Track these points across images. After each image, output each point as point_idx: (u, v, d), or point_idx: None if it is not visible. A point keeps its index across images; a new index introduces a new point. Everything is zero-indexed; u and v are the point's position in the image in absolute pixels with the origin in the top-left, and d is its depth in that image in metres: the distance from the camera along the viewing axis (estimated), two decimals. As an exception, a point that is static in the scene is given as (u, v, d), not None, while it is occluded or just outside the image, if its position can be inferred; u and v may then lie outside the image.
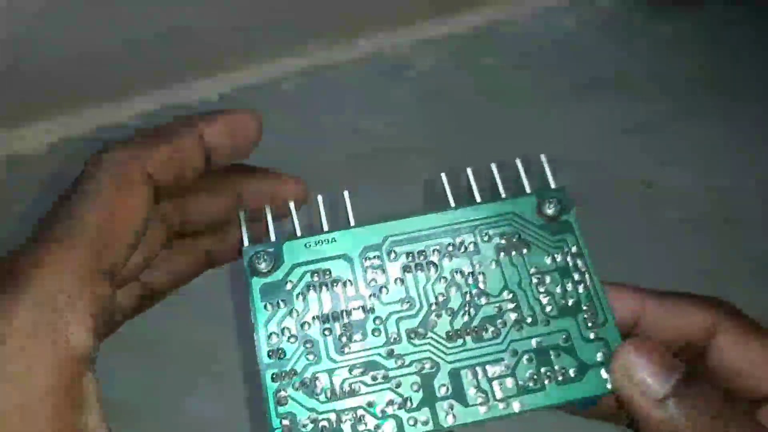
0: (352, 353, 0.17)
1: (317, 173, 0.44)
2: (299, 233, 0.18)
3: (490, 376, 0.17)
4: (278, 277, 0.18)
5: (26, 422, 0.12)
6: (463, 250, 0.18)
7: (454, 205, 0.18)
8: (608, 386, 0.16)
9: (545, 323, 0.17)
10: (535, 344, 0.17)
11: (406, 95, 0.48)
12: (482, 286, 0.18)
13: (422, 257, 0.18)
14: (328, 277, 0.18)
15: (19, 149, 0.47)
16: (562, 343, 0.17)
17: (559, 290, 0.17)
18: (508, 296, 0.17)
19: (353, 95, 0.48)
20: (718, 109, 0.46)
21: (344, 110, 0.48)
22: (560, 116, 0.47)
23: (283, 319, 0.17)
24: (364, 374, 0.17)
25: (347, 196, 0.19)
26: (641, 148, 0.45)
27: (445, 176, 0.19)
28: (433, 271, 0.18)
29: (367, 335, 0.17)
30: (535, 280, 0.18)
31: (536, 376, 0.17)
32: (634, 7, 0.51)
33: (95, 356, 0.14)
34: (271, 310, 0.17)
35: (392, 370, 0.17)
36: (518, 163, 0.19)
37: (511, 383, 0.16)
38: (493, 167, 0.19)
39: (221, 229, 0.19)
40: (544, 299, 0.17)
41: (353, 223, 0.18)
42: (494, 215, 0.18)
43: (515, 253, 0.18)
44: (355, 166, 0.45)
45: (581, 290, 0.17)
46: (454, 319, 0.17)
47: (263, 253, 0.18)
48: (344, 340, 0.17)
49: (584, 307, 0.17)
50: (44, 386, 0.13)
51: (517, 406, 0.16)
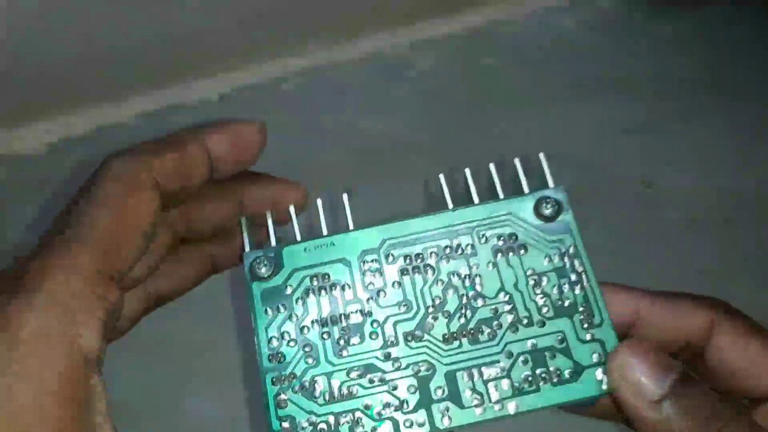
0: (349, 356, 0.17)
1: (317, 173, 0.44)
2: (299, 238, 0.18)
3: (485, 378, 0.17)
4: (278, 281, 0.18)
5: (39, 420, 0.13)
6: (460, 252, 0.18)
7: (451, 206, 0.18)
8: (603, 387, 0.16)
9: (541, 324, 0.17)
10: (530, 346, 0.17)
11: (406, 95, 0.48)
12: (479, 288, 0.18)
13: (419, 260, 0.18)
14: (326, 281, 0.18)
15: (19, 149, 0.47)
16: (557, 344, 0.17)
17: (555, 291, 0.18)
18: (504, 298, 0.18)
19: (353, 95, 0.48)
20: (718, 109, 0.46)
21: (344, 110, 0.48)
22: (560, 116, 0.47)
23: (282, 323, 0.17)
24: (361, 377, 0.17)
25: (346, 199, 0.19)
26: (641, 148, 0.45)
27: (443, 177, 0.19)
28: (430, 273, 0.18)
29: (364, 338, 0.17)
30: (531, 281, 0.18)
31: (531, 377, 0.17)
32: (634, 7, 0.50)
33: (103, 358, 0.14)
34: (271, 314, 0.17)
35: (389, 372, 0.17)
36: (517, 163, 0.19)
37: (506, 385, 0.17)
38: (491, 167, 0.19)
39: (225, 235, 0.20)
40: (540, 300, 0.17)
41: (352, 226, 0.18)
42: (491, 216, 0.18)
43: (512, 254, 0.18)
44: (355, 166, 0.45)
45: (578, 291, 0.17)
46: (450, 321, 0.17)
47: (264, 258, 0.18)
48: (342, 343, 0.17)
49: (580, 308, 0.17)
50: (55, 386, 0.13)
51: (512, 407, 0.16)
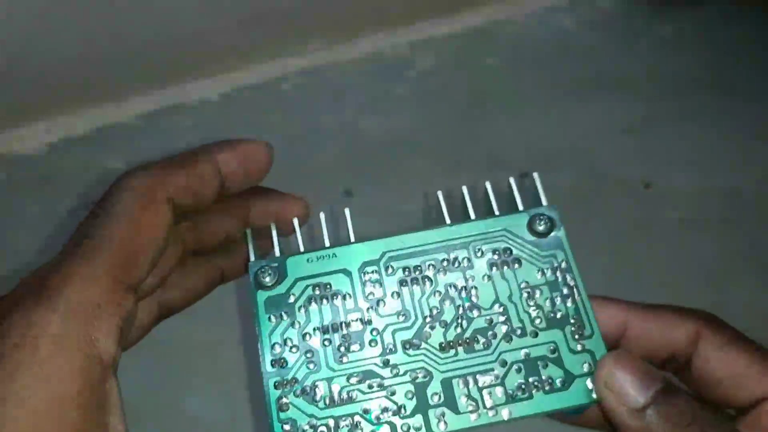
0: (350, 362, 0.18)
1: (317, 173, 0.45)
2: (302, 249, 0.19)
3: (480, 385, 0.17)
4: (282, 290, 0.18)
5: (57, 422, 0.13)
6: (456, 265, 0.19)
7: (449, 221, 0.19)
8: (593, 396, 0.17)
9: (534, 335, 0.18)
10: (524, 355, 0.18)
11: (406, 95, 0.48)
12: (474, 299, 0.18)
13: (418, 272, 0.19)
14: (328, 290, 0.18)
15: (19, 149, 0.47)
16: (549, 354, 0.18)
17: (548, 304, 0.18)
18: (499, 309, 0.18)
19: (353, 95, 0.49)
20: (718, 109, 0.46)
21: (344, 110, 0.48)
22: (560, 116, 0.47)
23: (285, 330, 0.18)
24: (361, 382, 0.17)
25: (348, 213, 0.19)
26: (641, 148, 0.46)
27: (440, 194, 0.20)
28: (428, 285, 0.19)
29: (364, 346, 0.18)
30: (525, 293, 0.18)
31: (524, 385, 0.17)
32: (634, 7, 0.50)
33: (118, 363, 0.15)
34: (274, 321, 0.18)
35: (387, 378, 0.17)
36: (512, 181, 0.20)
37: (500, 392, 0.17)
38: (487, 185, 0.20)
39: (231, 246, 0.20)
40: (533, 312, 0.18)
41: (353, 239, 0.19)
42: (487, 232, 0.19)
43: (507, 268, 0.19)
44: (355, 166, 0.46)
45: (569, 304, 0.18)
46: (447, 331, 0.18)
47: (268, 267, 0.18)
48: (343, 350, 0.18)
49: (572, 320, 0.18)
50: (74, 389, 0.14)
51: (506, 413, 0.17)
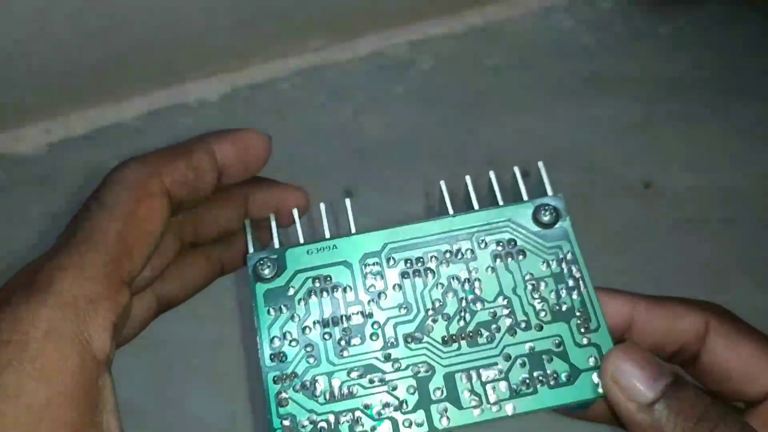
0: (350, 357, 0.17)
1: (317, 173, 0.45)
2: (302, 241, 0.19)
3: (483, 379, 0.17)
4: (281, 282, 0.18)
5: (49, 419, 0.13)
6: (459, 256, 0.18)
7: (452, 212, 0.19)
8: (599, 390, 0.17)
9: (539, 328, 0.17)
10: (528, 349, 0.17)
11: (406, 95, 0.48)
12: (478, 292, 0.18)
13: (420, 264, 0.18)
14: (328, 282, 0.18)
15: (19, 149, 0.47)
16: (554, 348, 0.17)
17: (553, 296, 0.18)
18: (502, 302, 0.18)
19: (353, 95, 0.48)
20: (718, 109, 0.46)
21: (344, 110, 0.48)
22: (560, 116, 0.47)
23: (285, 323, 0.18)
24: (361, 377, 0.17)
25: (348, 203, 0.19)
26: (641, 148, 0.45)
27: (443, 184, 0.19)
28: (430, 277, 0.18)
29: (365, 339, 0.17)
30: (529, 286, 0.18)
31: (529, 380, 0.17)
32: (633, 7, 0.51)
33: (112, 358, 0.15)
34: (273, 314, 0.18)
35: (389, 373, 0.17)
36: (516, 171, 0.19)
37: (504, 387, 0.17)
38: (491, 175, 0.19)
39: (230, 238, 0.20)
40: (538, 305, 0.18)
41: (354, 230, 0.19)
42: (491, 222, 0.19)
43: (511, 259, 0.18)
44: (355, 166, 0.45)
45: (575, 296, 0.18)
46: (449, 324, 0.18)
47: (267, 259, 0.18)
48: (343, 343, 0.17)
49: (577, 312, 0.18)
50: (66, 386, 0.13)
51: (509, 409, 0.17)
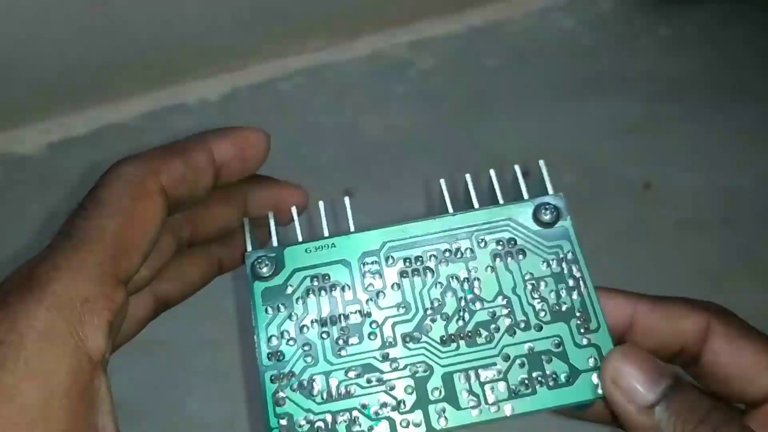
0: (348, 356, 0.17)
1: (317, 173, 0.44)
2: (300, 239, 0.18)
3: (482, 380, 0.17)
4: (279, 281, 0.18)
5: (44, 419, 0.13)
6: (459, 255, 0.18)
7: (452, 210, 0.19)
8: (599, 392, 0.17)
9: (538, 328, 0.17)
10: (527, 349, 0.17)
11: (406, 95, 0.48)
12: (477, 291, 0.18)
13: (419, 263, 0.18)
14: (327, 281, 0.18)
15: (19, 149, 0.47)
16: (554, 348, 0.17)
17: (553, 296, 0.18)
18: (502, 302, 0.18)
19: (353, 95, 0.48)
20: (718, 109, 0.46)
21: (344, 110, 0.48)
22: (560, 116, 0.47)
23: (282, 322, 0.18)
24: (359, 377, 0.17)
25: (347, 201, 0.19)
26: (641, 148, 0.45)
27: (443, 182, 0.19)
28: (429, 276, 0.18)
29: (363, 339, 0.17)
30: (529, 285, 0.18)
31: (528, 380, 0.17)
32: (634, 7, 0.50)
33: (108, 359, 0.14)
34: (271, 313, 0.18)
35: (387, 373, 0.17)
36: (517, 169, 0.19)
37: (503, 387, 0.17)
38: (491, 173, 0.19)
39: (229, 236, 0.20)
40: (537, 305, 0.18)
41: (353, 228, 0.19)
42: (491, 221, 0.18)
43: (511, 259, 0.18)
44: (355, 166, 0.45)
45: (575, 296, 0.18)
46: (448, 323, 0.17)
47: (265, 257, 0.18)
48: (341, 343, 0.17)
49: (577, 313, 0.17)
50: (62, 385, 0.13)
51: (508, 409, 0.16)
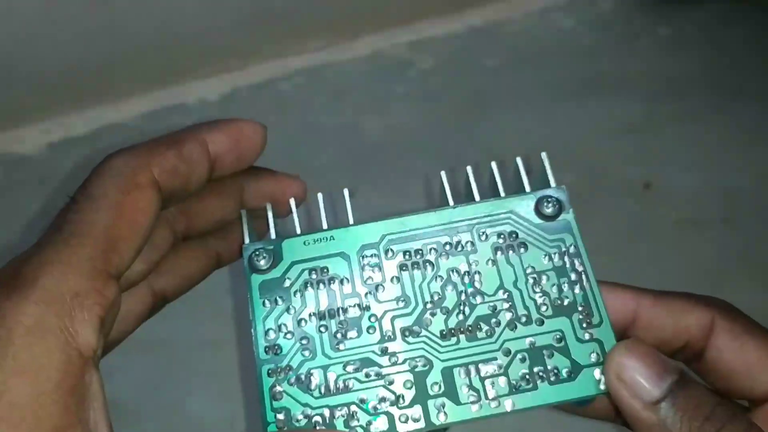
0: (346, 350, 0.17)
1: (317, 173, 0.44)
2: (299, 231, 0.18)
3: (482, 375, 0.17)
4: (277, 274, 0.18)
5: (33, 416, 0.13)
6: (459, 248, 0.18)
7: (452, 203, 0.18)
8: (601, 387, 0.16)
9: (539, 323, 0.17)
10: (528, 344, 0.17)
11: (406, 95, 0.48)
12: (478, 285, 0.18)
13: (419, 256, 0.18)
14: (325, 274, 0.18)
15: (19, 149, 0.47)
16: (555, 343, 0.17)
17: (554, 290, 0.17)
18: (503, 295, 0.17)
19: (353, 95, 0.48)
20: (718, 109, 0.46)
21: (344, 110, 0.48)
22: (560, 116, 0.47)
23: (280, 315, 0.17)
24: (357, 371, 0.17)
25: (347, 194, 0.19)
26: (641, 148, 0.45)
27: (444, 174, 0.19)
28: (429, 269, 0.18)
29: (362, 333, 0.17)
30: (531, 279, 0.18)
31: (529, 375, 0.17)
32: (634, 7, 0.51)
33: (100, 355, 0.14)
34: (269, 306, 0.17)
35: (386, 367, 0.17)
36: (519, 161, 0.19)
37: (503, 382, 0.16)
38: (493, 165, 0.19)
39: (226, 229, 0.20)
40: (539, 299, 0.17)
41: (352, 221, 0.18)
42: (492, 214, 0.18)
43: (512, 252, 0.18)
44: (355, 166, 0.45)
45: (577, 290, 0.17)
46: (448, 317, 0.17)
47: (263, 250, 0.18)
48: (339, 337, 0.17)
49: (579, 307, 0.17)
50: (52, 382, 0.13)
51: (509, 405, 0.16)
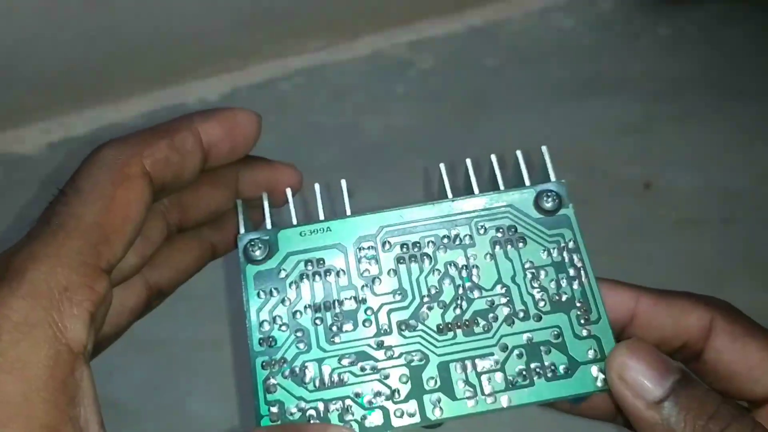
0: (342, 343, 0.17)
1: (317, 173, 0.44)
2: (295, 222, 0.18)
3: (479, 370, 0.16)
4: (272, 265, 0.17)
5: (22, 413, 0.13)
6: (458, 242, 0.18)
7: (451, 196, 0.18)
8: (598, 384, 0.16)
9: (537, 319, 0.17)
10: (526, 339, 0.17)
11: (406, 95, 0.48)
12: (475, 279, 0.17)
13: (416, 248, 0.18)
14: (321, 266, 0.18)
15: (19, 149, 0.47)
16: (553, 339, 0.17)
17: (553, 285, 0.17)
18: (501, 290, 0.17)
19: (353, 95, 0.48)
20: (718, 109, 0.46)
21: (344, 110, 0.48)
22: (560, 116, 0.47)
23: (275, 307, 0.17)
24: (353, 364, 0.16)
25: (344, 184, 0.19)
26: (641, 148, 0.45)
27: (443, 167, 0.19)
28: (426, 263, 0.18)
29: (357, 326, 0.17)
30: (529, 274, 0.17)
31: (526, 371, 0.16)
32: (634, 7, 0.51)
33: (90, 350, 0.14)
34: (263, 297, 0.17)
35: (381, 361, 0.17)
36: (519, 155, 0.19)
37: (500, 378, 0.16)
38: (492, 158, 0.19)
39: (221, 220, 0.19)
40: (537, 294, 0.17)
41: (349, 212, 0.18)
42: (491, 208, 0.18)
43: (510, 246, 0.18)
44: (355, 165, 0.45)
45: (576, 286, 0.17)
46: (445, 312, 0.17)
47: (258, 240, 0.18)
48: (335, 329, 0.17)
49: (578, 303, 0.17)
50: (40, 378, 0.13)
51: (505, 401, 0.16)
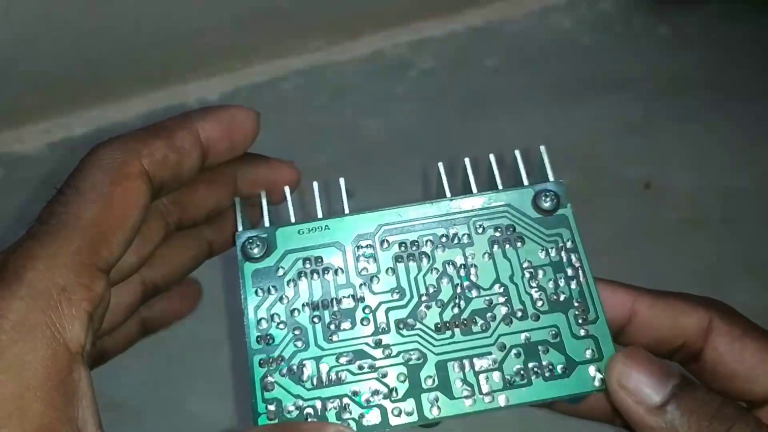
0: (339, 341, 0.17)
1: (317, 173, 0.44)
2: (293, 220, 0.18)
3: (477, 369, 0.16)
4: (270, 263, 0.17)
5: (20, 413, 0.13)
6: (456, 241, 0.18)
7: (449, 195, 0.18)
8: (596, 384, 0.16)
9: (535, 318, 0.17)
10: (524, 339, 0.17)
11: (406, 95, 0.48)
12: (474, 278, 0.17)
13: (415, 247, 0.18)
14: (319, 264, 0.18)
15: (19, 149, 0.47)
16: (551, 338, 0.17)
17: (551, 285, 0.17)
18: (499, 290, 0.17)
19: (353, 95, 0.48)
20: (718, 109, 0.46)
21: (344, 110, 0.48)
22: (560, 116, 0.47)
23: (272, 305, 0.17)
24: (350, 363, 0.16)
25: (342, 183, 0.19)
26: (641, 148, 0.45)
27: (441, 166, 0.19)
28: (425, 261, 0.18)
29: (355, 324, 0.17)
30: (527, 274, 0.17)
31: (523, 371, 0.16)
32: (634, 7, 0.51)
33: (89, 350, 0.14)
34: (261, 295, 0.17)
35: (379, 360, 0.17)
36: (517, 154, 0.19)
37: (497, 377, 0.16)
38: (491, 158, 0.19)
39: (219, 218, 0.19)
40: (535, 294, 0.17)
41: (347, 210, 0.18)
42: (489, 207, 0.18)
43: (509, 246, 0.18)
44: (354, 166, 0.45)
45: (574, 286, 0.17)
46: (443, 311, 0.17)
47: (256, 238, 0.18)
48: (333, 328, 0.17)
49: (575, 303, 0.17)
50: (38, 378, 0.13)
51: (502, 400, 0.16)
